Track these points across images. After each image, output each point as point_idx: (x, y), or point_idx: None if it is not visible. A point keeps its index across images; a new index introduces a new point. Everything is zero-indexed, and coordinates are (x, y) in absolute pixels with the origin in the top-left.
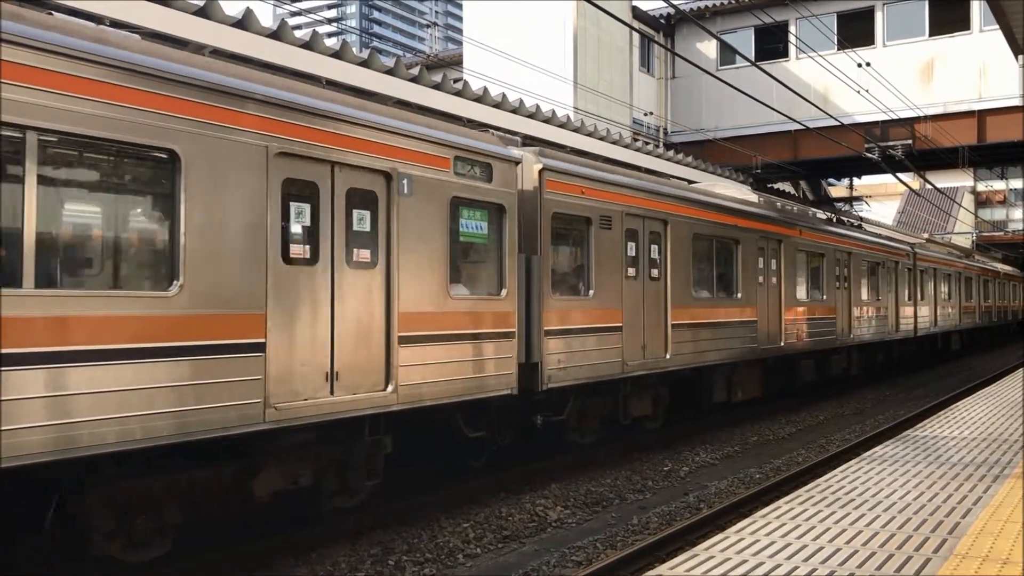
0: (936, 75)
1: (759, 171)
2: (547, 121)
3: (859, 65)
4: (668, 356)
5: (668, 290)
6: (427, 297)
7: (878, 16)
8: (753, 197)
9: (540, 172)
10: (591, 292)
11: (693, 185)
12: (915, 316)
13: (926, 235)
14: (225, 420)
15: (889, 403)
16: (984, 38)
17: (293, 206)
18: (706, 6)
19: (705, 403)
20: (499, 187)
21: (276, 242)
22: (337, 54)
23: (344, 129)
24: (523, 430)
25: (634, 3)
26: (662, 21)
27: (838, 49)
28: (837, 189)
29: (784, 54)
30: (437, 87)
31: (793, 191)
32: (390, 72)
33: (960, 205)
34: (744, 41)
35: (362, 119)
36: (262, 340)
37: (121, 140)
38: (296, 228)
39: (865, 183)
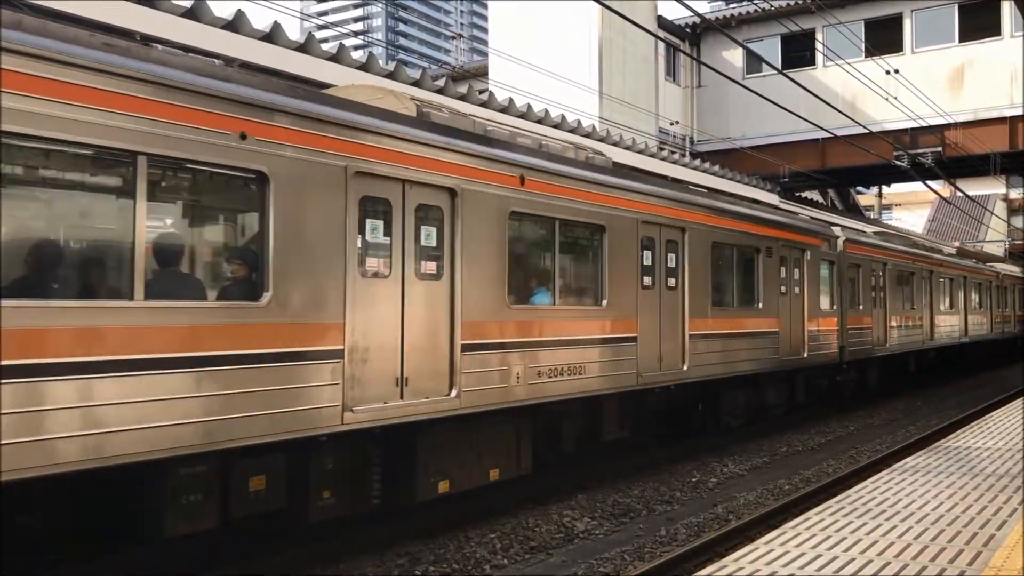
0: (966, 81)
1: (786, 180)
2: (572, 131)
3: (887, 72)
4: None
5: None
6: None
7: (906, 23)
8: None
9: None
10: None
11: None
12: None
13: (957, 243)
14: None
15: (920, 413)
16: (1015, 43)
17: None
18: (732, 14)
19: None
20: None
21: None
22: (364, 66)
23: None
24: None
25: (659, 12)
26: (687, 30)
27: (866, 56)
28: (865, 198)
29: (811, 62)
30: (462, 98)
31: (821, 200)
32: (416, 84)
33: (992, 213)
34: (770, 49)
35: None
36: None
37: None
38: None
39: (894, 191)
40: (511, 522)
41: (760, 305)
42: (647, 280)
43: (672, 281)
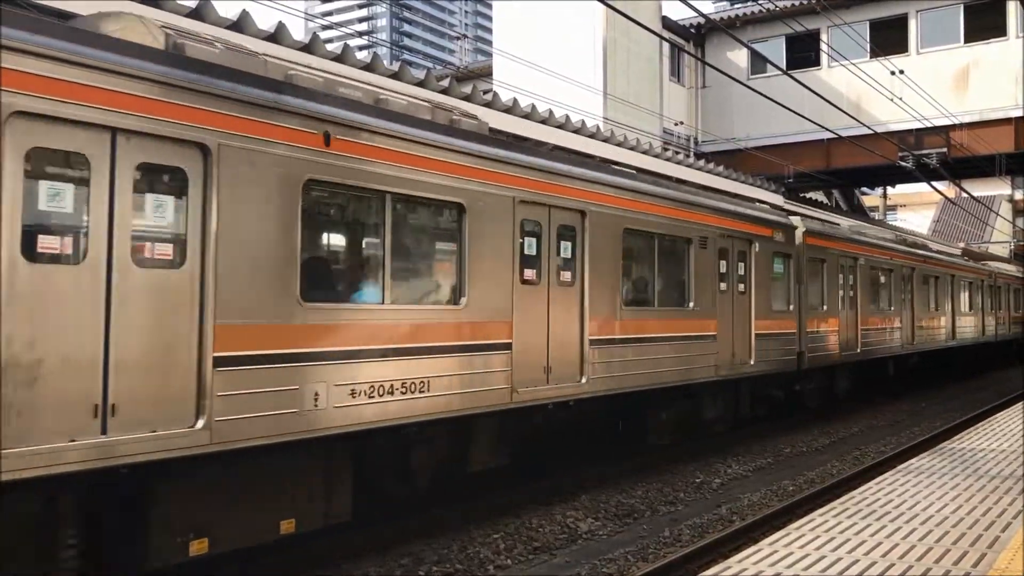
0: (972, 82)
1: (791, 180)
2: (577, 131)
3: (892, 73)
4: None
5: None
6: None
7: (911, 23)
8: None
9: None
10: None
11: None
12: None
13: (962, 244)
14: None
15: (924, 415)
16: (1020, 44)
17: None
18: (736, 15)
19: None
20: None
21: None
22: (368, 66)
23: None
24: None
25: (663, 13)
26: (692, 30)
27: (871, 57)
28: (871, 199)
29: (816, 62)
30: (466, 98)
31: (826, 200)
32: (421, 84)
33: (997, 214)
34: (775, 50)
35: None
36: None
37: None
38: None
39: (899, 192)
40: (514, 522)
41: (692, 305)
42: (528, 273)
43: (567, 275)
